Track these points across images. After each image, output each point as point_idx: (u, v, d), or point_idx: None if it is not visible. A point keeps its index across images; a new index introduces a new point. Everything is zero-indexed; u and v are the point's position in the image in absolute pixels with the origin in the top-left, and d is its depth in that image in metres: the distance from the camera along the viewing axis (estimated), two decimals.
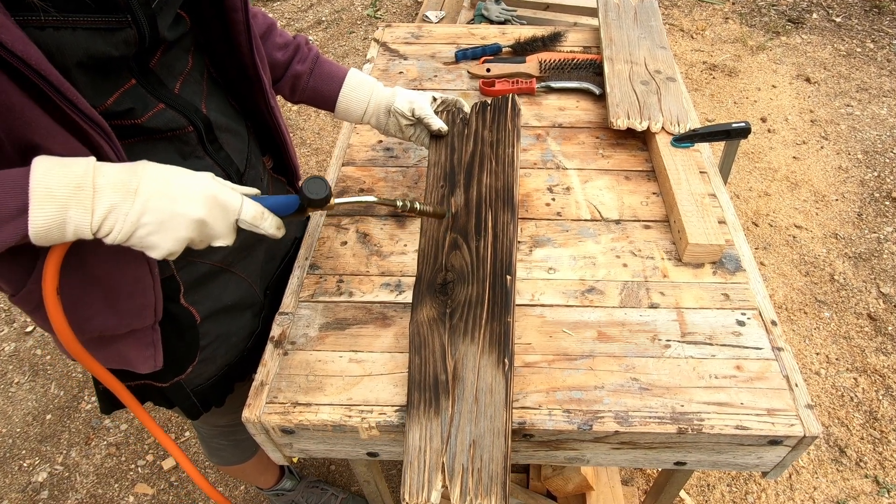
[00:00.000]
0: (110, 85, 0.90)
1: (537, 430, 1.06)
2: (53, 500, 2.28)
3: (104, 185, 0.80)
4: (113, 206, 0.80)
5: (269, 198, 0.98)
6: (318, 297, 1.28)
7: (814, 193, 3.24)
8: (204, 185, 0.88)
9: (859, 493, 2.19)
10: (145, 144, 0.97)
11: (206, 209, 0.87)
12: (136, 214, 0.81)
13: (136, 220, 0.81)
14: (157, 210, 0.82)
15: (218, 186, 0.89)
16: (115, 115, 0.91)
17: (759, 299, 1.24)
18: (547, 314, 1.22)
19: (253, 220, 0.94)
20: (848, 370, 2.53)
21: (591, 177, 1.53)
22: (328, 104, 1.38)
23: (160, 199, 0.83)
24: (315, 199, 0.97)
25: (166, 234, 0.84)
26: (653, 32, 1.87)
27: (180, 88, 1.01)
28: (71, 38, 0.80)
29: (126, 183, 0.81)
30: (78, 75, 0.84)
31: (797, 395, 1.09)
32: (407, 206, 1.17)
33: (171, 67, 1.00)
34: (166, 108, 0.98)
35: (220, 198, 0.89)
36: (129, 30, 0.86)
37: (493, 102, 1.48)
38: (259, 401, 1.10)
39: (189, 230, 0.86)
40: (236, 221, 0.93)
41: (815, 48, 4.20)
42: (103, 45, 0.84)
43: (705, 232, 1.29)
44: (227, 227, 0.91)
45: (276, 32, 1.30)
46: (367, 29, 4.55)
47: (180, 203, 0.84)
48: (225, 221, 0.90)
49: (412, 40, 2.05)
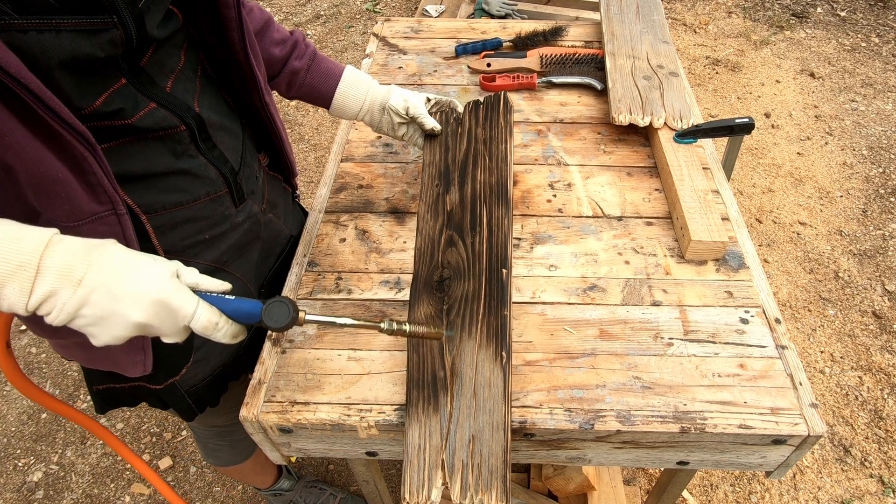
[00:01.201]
0: (98, 86, 0.89)
1: (538, 429, 1.06)
2: (49, 499, 2.28)
3: (49, 268, 0.77)
4: (52, 291, 0.77)
5: (234, 301, 0.90)
6: (317, 295, 1.28)
7: (818, 190, 3.24)
8: (155, 288, 0.82)
9: (864, 493, 2.19)
10: (136, 144, 0.96)
11: (150, 314, 0.82)
12: (74, 306, 0.78)
13: (73, 312, 0.79)
14: (96, 305, 0.79)
15: (171, 290, 0.83)
16: (104, 115, 0.90)
17: (763, 297, 1.24)
18: (548, 312, 1.22)
19: (204, 330, 0.87)
20: (853, 368, 2.54)
21: (592, 173, 1.53)
22: (324, 101, 1.39)
23: (103, 295, 0.79)
24: (276, 327, 0.90)
25: (104, 329, 0.82)
26: (655, 27, 1.87)
27: (172, 86, 1.00)
28: (55, 41, 0.79)
29: (71, 270, 0.78)
30: (63, 77, 0.83)
31: (801, 394, 1.09)
32: (393, 328, 1.00)
33: (162, 65, 0.99)
34: (158, 108, 0.96)
35: (172, 304, 0.83)
36: (114, 30, 0.85)
37: (485, 100, 1.50)
38: (257, 400, 1.10)
39: (128, 331, 0.83)
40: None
41: (819, 43, 4.19)
42: (88, 46, 0.82)
43: (708, 229, 1.29)
44: (176, 330, 0.87)
45: (273, 28, 1.30)
46: (366, 23, 4.55)
47: (123, 304, 0.80)
48: (173, 325, 0.86)
49: (412, 35, 2.05)
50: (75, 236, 0.82)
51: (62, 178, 0.84)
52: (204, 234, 1.12)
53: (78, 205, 0.87)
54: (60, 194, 0.85)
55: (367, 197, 1.49)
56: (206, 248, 1.13)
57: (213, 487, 2.29)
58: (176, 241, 1.07)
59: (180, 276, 0.87)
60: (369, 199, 1.49)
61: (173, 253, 1.07)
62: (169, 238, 1.06)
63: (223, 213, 1.14)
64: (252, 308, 0.89)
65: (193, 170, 1.05)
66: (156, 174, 1.00)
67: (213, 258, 1.16)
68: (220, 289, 0.91)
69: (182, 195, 1.05)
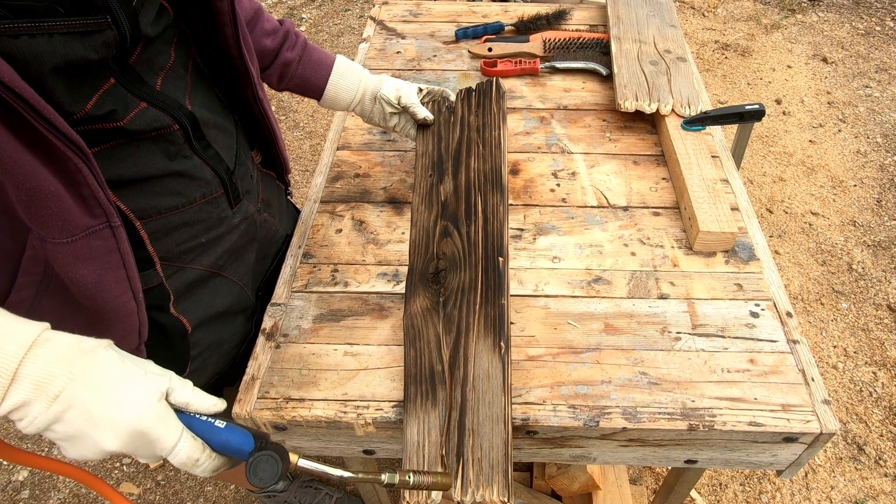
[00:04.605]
0: (88, 88, 0.87)
1: (541, 426, 1.06)
2: (35, 499, 2.28)
3: (26, 376, 0.73)
4: (25, 402, 0.73)
5: (224, 432, 0.85)
6: (312, 288, 1.27)
7: (831, 179, 3.24)
8: (136, 416, 0.78)
9: (878, 493, 2.20)
10: (128, 147, 0.95)
11: (126, 444, 0.79)
12: (46, 421, 0.75)
13: (44, 426, 0.75)
14: (70, 424, 0.76)
15: (154, 418, 0.79)
16: (95, 119, 0.88)
17: (774, 289, 1.24)
18: (551, 305, 1.22)
19: (181, 465, 0.82)
20: (867, 364, 2.54)
21: (597, 161, 1.52)
22: (316, 92, 1.39)
23: (79, 414, 0.76)
24: (260, 485, 0.84)
25: (74, 447, 0.79)
26: (662, 10, 1.86)
27: (162, 84, 0.99)
28: (47, 45, 0.77)
29: (50, 382, 0.74)
30: (55, 82, 0.81)
31: (813, 390, 1.09)
32: (395, 481, 0.89)
33: (151, 63, 0.97)
34: (149, 107, 0.95)
35: (152, 435, 0.79)
36: (108, 31, 0.83)
37: (477, 87, 1.50)
38: (250, 396, 1.10)
39: (98, 456, 0.80)
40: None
41: (832, 26, 4.18)
42: (82, 49, 0.81)
43: (717, 219, 1.29)
44: (152, 458, 0.84)
45: (263, 18, 1.29)
46: (363, 6, 4.53)
47: (98, 430, 0.77)
48: (149, 454, 0.82)
49: (410, 18, 2.04)
50: (67, 333, 0.79)
51: (54, 191, 0.82)
52: (200, 238, 1.10)
53: (70, 219, 0.85)
54: (52, 209, 0.83)
55: (364, 186, 1.49)
56: (202, 253, 1.12)
57: (204, 487, 2.30)
58: (171, 246, 1.06)
59: (171, 393, 0.83)
60: (366, 188, 1.48)
61: (169, 259, 1.06)
62: (164, 244, 1.05)
63: (219, 216, 1.12)
64: (241, 445, 0.85)
65: (188, 171, 1.04)
66: (149, 177, 0.99)
67: (210, 263, 1.15)
68: (212, 410, 0.87)
69: (177, 198, 1.03)
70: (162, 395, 0.82)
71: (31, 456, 0.92)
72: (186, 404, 0.84)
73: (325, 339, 1.18)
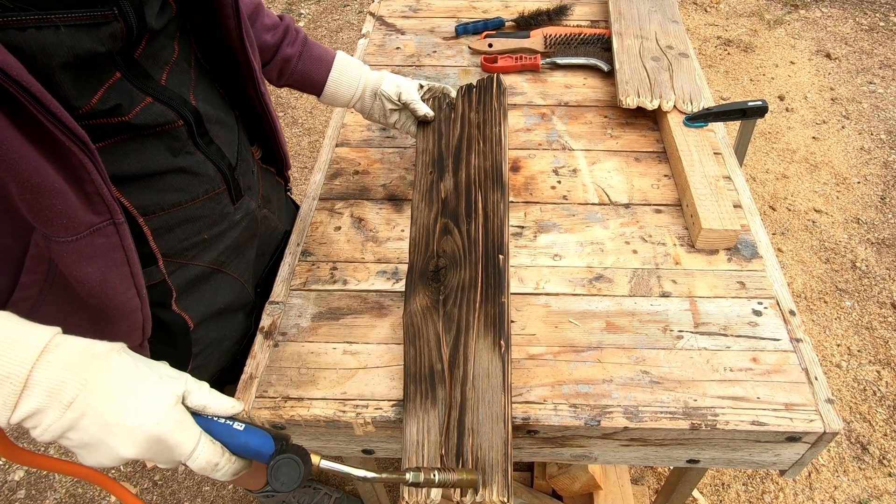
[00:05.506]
0: (94, 82, 0.87)
1: (542, 425, 1.06)
2: (31, 499, 2.28)
3: (39, 383, 0.72)
4: (39, 410, 0.72)
5: (243, 434, 0.84)
6: (311, 286, 1.27)
7: (834, 176, 3.24)
8: (154, 422, 0.77)
9: (882, 493, 2.20)
10: (132, 143, 0.95)
11: (143, 450, 0.77)
12: (61, 429, 0.73)
13: (59, 434, 0.74)
14: (85, 431, 0.75)
15: (171, 423, 0.78)
16: (101, 113, 0.88)
17: (777, 287, 1.24)
18: (552, 303, 1.22)
19: (201, 470, 0.81)
20: (870, 362, 2.54)
21: (598, 158, 1.52)
22: (316, 88, 1.39)
23: (94, 421, 0.74)
24: (281, 489, 0.81)
25: (89, 455, 0.78)
26: (664, 5, 1.86)
27: (167, 79, 0.99)
28: (54, 38, 0.77)
29: (63, 388, 0.73)
30: (62, 76, 0.81)
31: (817, 389, 1.09)
32: (420, 480, 0.87)
33: (156, 57, 0.98)
34: (154, 102, 0.95)
35: (170, 440, 0.78)
36: (115, 23, 0.84)
37: (478, 83, 1.50)
38: (248, 395, 1.10)
39: (115, 462, 0.78)
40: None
41: (835, 22, 4.18)
42: (89, 41, 0.81)
43: (720, 216, 1.29)
44: (170, 463, 0.82)
45: (263, 13, 1.29)
46: (362, 2, 4.53)
47: (114, 436, 0.75)
48: (167, 459, 0.80)
49: (410, 14, 2.04)
50: (79, 337, 0.78)
51: (58, 188, 0.81)
52: (202, 235, 1.11)
53: (74, 217, 0.85)
54: (57, 207, 0.83)
55: (364, 183, 1.49)
56: (204, 250, 1.13)
57: (202, 487, 2.30)
58: (174, 242, 1.06)
59: (187, 396, 0.82)
60: (365, 185, 1.48)
61: (171, 255, 1.06)
62: (166, 240, 1.05)
63: (221, 212, 1.13)
64: (260, 447, 0.83)
65: (191, 167, 1.04)
66: (153, 174, 0.99)
67: (211, 259, 1.15)
68: (230, 412, 0.85)
69: (180, 194, 1.04)
70: (178, 398, 0.80)
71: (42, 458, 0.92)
72: (203, 407, 0.83)
73: (324, 338, 1.18)
